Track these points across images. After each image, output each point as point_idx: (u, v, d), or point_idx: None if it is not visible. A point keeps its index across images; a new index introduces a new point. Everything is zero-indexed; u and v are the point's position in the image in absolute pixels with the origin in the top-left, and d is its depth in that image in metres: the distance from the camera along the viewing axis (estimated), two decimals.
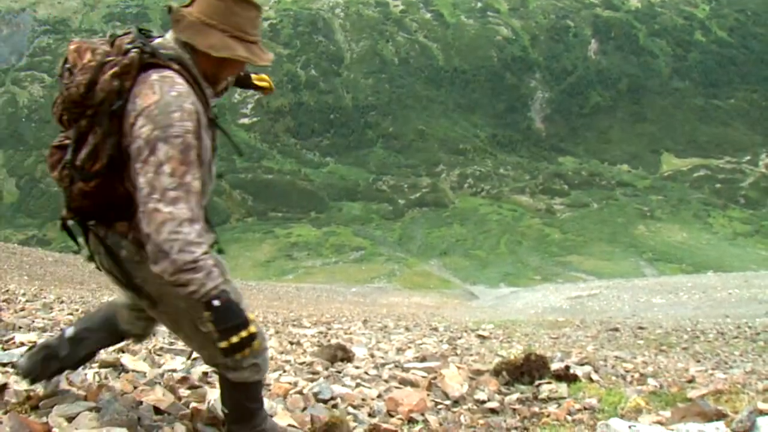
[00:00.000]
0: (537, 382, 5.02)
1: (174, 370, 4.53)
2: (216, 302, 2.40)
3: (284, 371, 5.23)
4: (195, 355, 5.44)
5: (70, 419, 3.01)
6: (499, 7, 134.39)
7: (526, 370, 5.19)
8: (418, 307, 34.66)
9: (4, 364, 3.99)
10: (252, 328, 2.47)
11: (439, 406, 4.47)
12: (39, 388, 3.42)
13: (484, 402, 4.61)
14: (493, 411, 4.39)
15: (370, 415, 4.08)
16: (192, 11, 2.57)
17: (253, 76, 3.26)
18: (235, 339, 2.42)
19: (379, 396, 4.54)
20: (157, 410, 3.34)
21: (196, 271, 2.34)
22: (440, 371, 5.21)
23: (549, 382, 5.06)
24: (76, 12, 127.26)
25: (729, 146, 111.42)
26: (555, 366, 5.37)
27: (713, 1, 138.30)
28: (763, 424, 2.88)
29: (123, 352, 5.18)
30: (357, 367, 5.83)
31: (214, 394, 3.63)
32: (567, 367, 5.36)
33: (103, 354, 4.82)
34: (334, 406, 4.09)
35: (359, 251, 77.91)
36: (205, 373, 4.48)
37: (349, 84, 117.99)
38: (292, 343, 8.19)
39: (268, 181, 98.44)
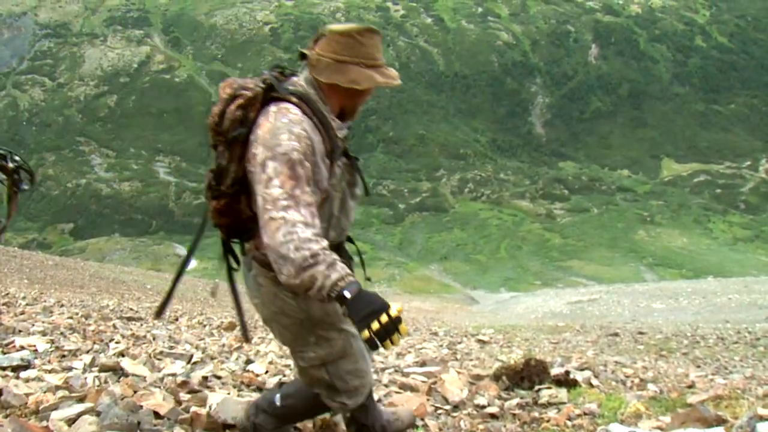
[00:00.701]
0: (537, 387, 5.01)
1: (174, 374, 4.53)
2: (347, 293, 2.40)
3: (284, 375, 5.23)
4: (195, 359, 5.45)
5: (70, 423, 3.02)
6: (499, 12, 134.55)
7: (526, 375, 5.18)
8: (418, 311, 34.64)
9: (4, 368, 3.99)
10: (393, 312, 2.41)
11: (439, 411, 4.46)
12: (38, 392, 3.43)
13: (483, 407, 4.61)
14: (492, 416, 4.38)
15: None
16: (322, 53, 2.73)
17: None
18: (375, 325, 2.37)
19: (379, 401, 4.54)
20: (157, 415, 3.34)
21: (317, 265, 2.39)
22: (440, 376, 5.20)
23: (549, 387, 5.06)
24: (77, 16, 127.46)
25: (729, 151, 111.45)
26: (555, 371, 5.37)
27: (713, 7, 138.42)
28: (764, 430, 2.87)
29: (123, 356, 5.18)
30: None
31: (214, 399, 3.63)
32: (567, 372, 5.35)
33: (103, 358, 4.82)
34: None
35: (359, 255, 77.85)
36: (205, 378, 4.49)
37: None
38: None
39: None
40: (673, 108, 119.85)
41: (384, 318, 2.38)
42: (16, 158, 2.78)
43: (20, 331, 5.89)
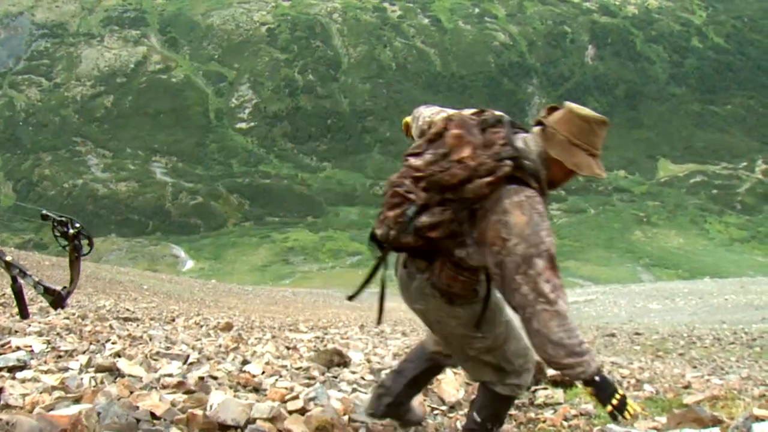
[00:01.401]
0: (533, 388, 5.02)
1: (170, 375, 4.52)
2: (597, 378, 2.80)
3: (281, 376, 5.22)
4: (191, 359, 5.44)
5: None
6: (496, 13, 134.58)
7: None
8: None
9: (0, 369, 3.98)
10: (621, 391, 2.84)
11: (436, 412, 4.46)
12: (35, 393, 3.42)
13: None
14: None
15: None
16: (560, 130, 2.92)
17: None
18: (614, 401, 2.79)
19: None
20: (153, 415, 3.33)
21: (583, 355, 2.76)
22: (436, 377, 5.20)
23: (545, 388, 5.06)
24: (74, 16, 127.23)
25: (725, 152, 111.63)
26: (551, 371, 5.37)
27: (710, 8, 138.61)
28: (759, 430, 2.88)
29: (119, 356, 5.18)
30: (353, 372, 5.82)
31: (214, 398, 3.62)
32: None
33: (100, 358, 4.82)
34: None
35: (356, 256, 77.93)
36: (201, 378, 4.48)
37: (347, 89, 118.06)
38: (288, 348, 8.18)
39: (265, 185, 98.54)
40: (670, 109, 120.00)
41: (618, 396, 2.82)
42: (77, 225, 2.88)
43: (16, 331, 5.88)
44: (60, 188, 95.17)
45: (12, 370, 4.10)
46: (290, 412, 3.79)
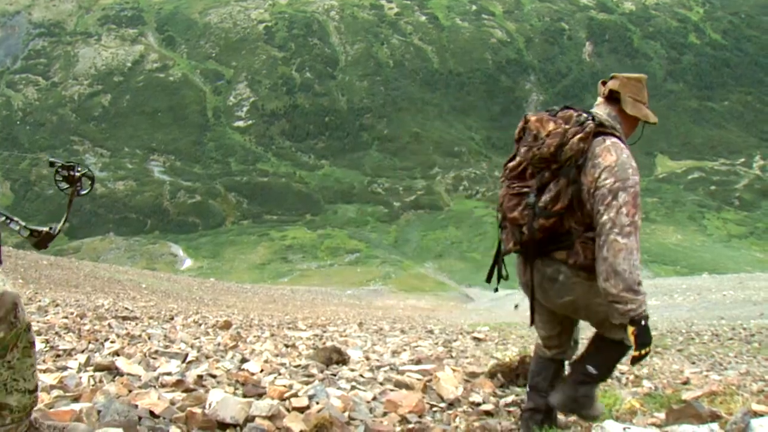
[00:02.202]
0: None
1: (169, 374, 4.52)
2: (644, 322, 3.15)
3: (279, 374, 5.23)
4: (190, 358, 5.44)
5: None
6: (493, 10, 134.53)
7: (521, 372, 5.19)
8: (414, 309, 34.66)
9: None
10: (650, 347, 3.19)
11: (435, 409, 4.47)
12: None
13: (479, 404, 4.62)
14: (487, 413, 4.39)
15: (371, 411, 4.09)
16: (625, 92, 3.56)
17: None
18: (644, 352, 3.16)
19: (375, 399, 4.54)
20: (152, 414, 3.33)
21: (638, 294, 3.11)
22: (435, 374, 5.21)
23: None
24: (71, 15, 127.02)
25: (723, 148, 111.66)
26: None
27: (707, 4, 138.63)
28: (758, 426, 2.88)
29: (118, 355, 5.18)
30: (352, 370, 5.83)
31: (214, 396, 3.63)
32: None
33: (98, 357, 4.82)
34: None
35: (354, 254, 77.89)
36: (200, 377, 4.48)
37: (344, 86, 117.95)
38: (287, 346, 8.19)
39: (263, 183, 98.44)
40: (667, 105, 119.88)
41: (648, 349, 3.19)
42: (78, 169, 2.93)
43: None
44: (58, 187, 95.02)
45: None
46: (292, 409, 3.80)
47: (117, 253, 79.29)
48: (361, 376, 5.53)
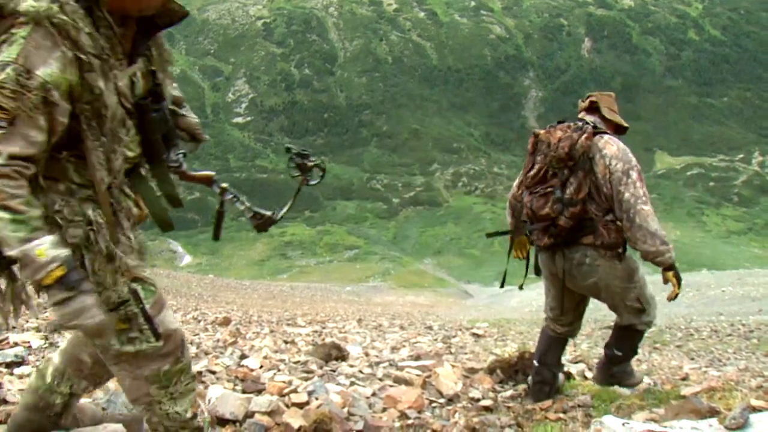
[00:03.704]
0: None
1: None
2: (676, 265, 4.01)
3: (279, 370, 5.23)
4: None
5: None
6: (492, 6, 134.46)
7: (520, 368, 5.20)
8: (413, 305, 34.66)
9: None
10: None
11: (434, 405, 4.48)
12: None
13: (478, 400, 4.63)
14: (487, 409, 4.40)
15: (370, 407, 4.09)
16: (603, 104, 4.35)
17: None
18: (680, 287, 4.04)
19: (374, 394, 4.55)
20: None
21: (669, 244, 3.91)
22: (434, 370, 5.21)
23: None
24: None
25: (722, 144, 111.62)
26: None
27: (706, 0, 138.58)
28: (756, 421, 2.89)
29: None
30: (351, 366, 5.83)
31: (213, 392, 3.63)
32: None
33: None
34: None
35: (353, 250, 77.90)
36: (199, 373, 4.48)
37: (343, 83, 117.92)
38: (286, 342, 8.20)
39: (262, 180, 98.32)
40: (666, 101, 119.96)
41: (681, 285, 4.07)
42: (313, 159, 3.01)
43: (14, 327, 5.87)
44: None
45: (10, 365, 4.10)
46: (291, 405, 3.81)
47: None
48: (361, 372, 5.54)
